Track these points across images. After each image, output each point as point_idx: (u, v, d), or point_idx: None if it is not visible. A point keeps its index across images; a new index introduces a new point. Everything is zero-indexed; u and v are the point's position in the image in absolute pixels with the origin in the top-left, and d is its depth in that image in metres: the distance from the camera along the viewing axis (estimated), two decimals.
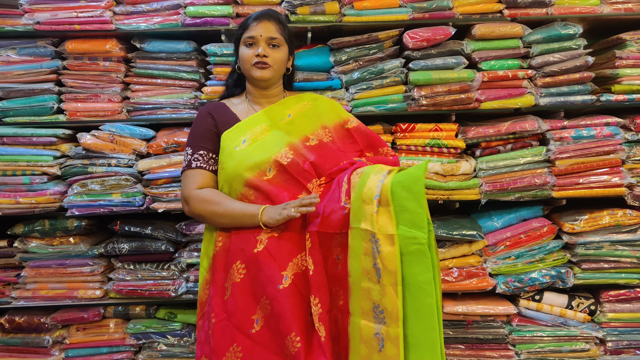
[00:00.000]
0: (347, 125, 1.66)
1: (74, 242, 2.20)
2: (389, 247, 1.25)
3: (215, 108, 1.63)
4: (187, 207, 1.55)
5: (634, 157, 2.18)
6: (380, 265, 1.26)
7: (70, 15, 2.12)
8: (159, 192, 2.14)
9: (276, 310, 1.38)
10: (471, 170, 2.16)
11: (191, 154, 1.56)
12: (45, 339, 2.21)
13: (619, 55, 2.16)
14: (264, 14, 1.60)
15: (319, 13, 2.13)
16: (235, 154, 1.51)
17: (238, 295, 1.44)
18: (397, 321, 1.24)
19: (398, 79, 2.16)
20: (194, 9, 2.13)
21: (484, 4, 2.16)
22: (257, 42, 1.56)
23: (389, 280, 1.25)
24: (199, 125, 1.60)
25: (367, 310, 1.30)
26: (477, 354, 2.19)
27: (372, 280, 1.29)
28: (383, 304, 1.26)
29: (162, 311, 2.26)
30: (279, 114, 1.61)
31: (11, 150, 2.15)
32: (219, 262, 1.52)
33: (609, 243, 2.17)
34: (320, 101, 1.71)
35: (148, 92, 2.21)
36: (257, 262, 1.43)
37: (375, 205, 1.29)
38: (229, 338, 1.44)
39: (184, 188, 1.55)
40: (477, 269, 2.15)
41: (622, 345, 2.21)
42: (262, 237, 1.45)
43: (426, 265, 1.23)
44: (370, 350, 1.29)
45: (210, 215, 1.50)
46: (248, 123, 1.58)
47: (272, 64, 1.57)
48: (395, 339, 1.24)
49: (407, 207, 1.25)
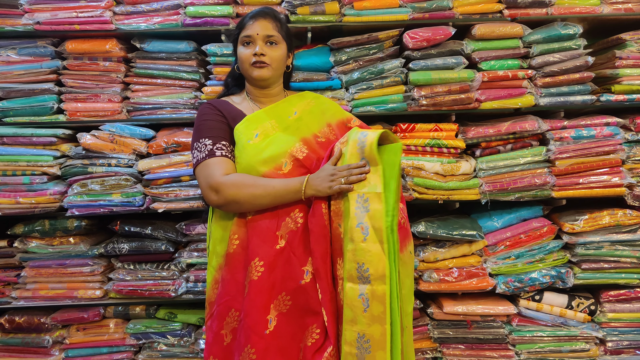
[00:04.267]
0: (350, 124, 1.66)
1: (74, 242, 2.20)
2: (377, 205, 1.28)
3: (219, 104, 1.60)
4: (216, 196, 1.43)
5: (634, 157, 2.18)
6: (369, 223, 1.28)
7: (70, 15, 2.12)
8: (159, 192, 2.14)
9: (299, 304, 1.40)
10: (471, 170, 2.15)
11: (212, 144, 1.48)
12: (45, 339, 2.21)
13: (619, 55, 2.16)
14: (260, 12, 1.57)
15: (319, 13, 2.13)
16: (249, 147, 1.49)
17: (254, 293, 1.42)
18: (384, 278, 1.25)
19: (398, 79, 2.16)
20: (194, 9, 2.13)
21: (484, 4, 2.16)
22: (254, 40, 1.54)
23: (376, 237, 1.27)
24: (210, 118, 1.54)
25: (351, 273, 1.31)
26: (477, 354, 2.19)
27: (358, 239, 1.30)
28: (368, 261, 1.28)
29: (162, 311, 2.26)
30: (285, 111, 1.59)
31: (11, 150, 2.15)
32: (238, 260, 1.48)
33: (609, 243, 2.17)
34: (322, 99, 1.71)
35: (148, 92, 2.21)
36: (279, 258, 1.42)
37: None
38: (244, 338, 1.42)
39: (210, 177, 1.44)
40: (477, 269, 2.15)
41: (622, 345, 2.21)
42: (282, 233, 1.43)
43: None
44: (355, 313, 1.29)
45: (249, 199, 1.42)
46: (257, 117, 1.55)
47: (271, 63, 1.55)
48: (381, 296, 1.25)
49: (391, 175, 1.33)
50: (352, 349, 1.29)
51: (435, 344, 2.21)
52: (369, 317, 1.26)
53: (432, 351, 2.22)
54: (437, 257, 2.13)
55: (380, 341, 1.24)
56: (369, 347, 1.26)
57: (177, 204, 2.15)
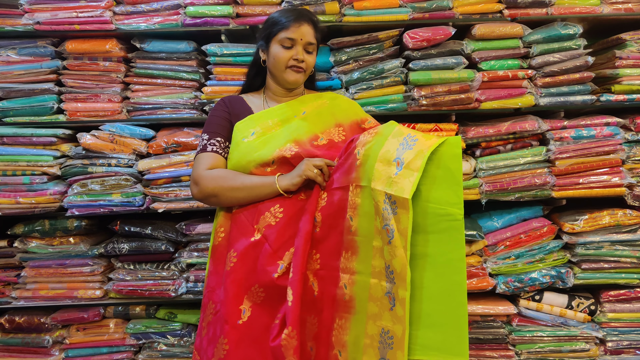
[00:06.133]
0: (364, 125, 1.64)
1: (74, 242, 2.20)
2: (405, 211, 1.24)
3: (232, 100, 1.64)
4: (196, 188, 1.49)
5: (634, 157, 2.18)
6: (394, 227, 1.25)
7: (70, 15, 2.12)
8: (159, 192, 2.14)
9: (272, 296, 1.39)
10: (471, 170, 2.15)
11: (207, 139, 1.54)
12: (45, 339, 2.21)
13: (619, 55, 2.16)
14: (305, 15, 1.56)
15: (319, 13, 2.13)
16: (242, 145, 1.51)
17: (228, 283, 1.43)
18: (405, 283, 1.23)
19: (398, 79, 2.16)
20: (194, 9, 2.13)
21: (484, 4, 2.16)
22: (296, 44, 1.54)
23: (401, 242, 1.24)
24: (215, 114, 1.59)
25: (379, 270, 1.30)
26: (477, 354, 2.19)
27: (384, 240, 1.28)
28: (393, 265, 1.26)
29: (162, 311, 2.26)
30: (294, 110, 1.59)
31: (11, 150, 2.15)
32: (221, 252, 1.51)
33: (609, 243, 2.17)
34: (339, 100, 1.70)
35: (148, 92, 2.21)
36: (252, 251, 1.42)
37: (396, 167, 1.28)
38: (218, 329, 1.43)
39: (195, 169, 1.51)
40: (477, 269, 2.15)
41: (622, 345, 2.21)
42: (259, 226, 1.44)
43: (459, 242, 1.23)
44: (381, 309, 1.29)
45: (225, 191, 1.46)
46: (260, 116, 1.56)
47: (306, 69, 1.58)
48: (402, 300, 1.24)
49: (441, 184, 1.25)
50: (374, 342, 1.30)
51: None
52: (394, 316, 1.27)
53: None
54: None
55: (401, 341, 1.25)
56: (391, 343, 1.27)
57: (177, 204, 2.15)
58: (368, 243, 1.33)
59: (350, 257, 1.36)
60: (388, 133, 1.37)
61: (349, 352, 1.34)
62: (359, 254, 1.35)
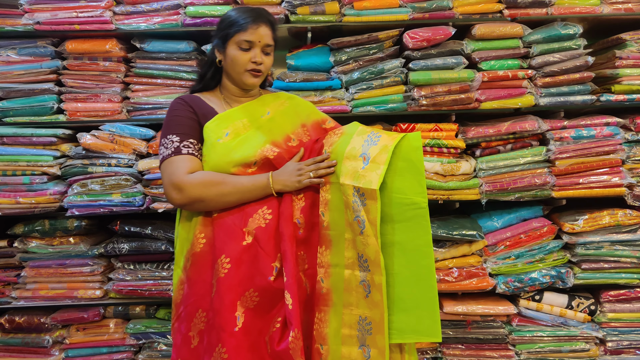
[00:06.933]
0: (325, 125, 1.66)
1: (74, 242, 2.20)
2: (374, 202, 1.31)
3: (192, 99, 1.56)
4: (178, 194, 1.41)
5: (634, 157, 2.18)
6: (365, 217, 1.31)
7: (70, 15, 2.12)
8: (159, 192, 2.14)
9: (266, 300, 1.39)
10: (471, 170, 2.16)
11: (179, 141, 1.45)
12: (45, 339, 2.21)
13: (619, 55, 2.16)
14: (261, 16, 1.51)
15: (319, 13, 2.13)
16: (218, 146, 1.46)
17: (223, 291, 1.40)
18: (380, 269, 1.29)
19: (398, 79, 2.16)
20: (193, 9, 2.13)
21: (484, 4, 2.16)
22: (254, 47, 1.50)
23: (372, 231, 1.30)
24: (180, 114, 1.50)
25: (352, 261, 1.36)
26: (477, 354, 2.19)
27: (355, 231, 1.34)
28: (366, 253, 1.32)
29: (162, 311, 2.26)
30: (258, 111, 1.57)
31: (11, 150, 2.15)
32: (205, 259, 1.46)
33: (609, 243, 2.17)
34: (296, 100, 1.69)
35: (148, 92, 2.21)
36: (246, 255, 1.40)
37: (362, 162, 1.36)
38: (214, 338, 1.40)
39: (172, 174, 1.41)
40: (477, 269, 2.15)
41: (622, 345, 2.21)
42: (249, 229, 1.42)
43: (425, 229, 1.31)
44: (356, 298, 1.35)
45: (215, 197, 1.41)
46: (229, 116, 1.52)
47: (264, 71, 1.55)
48: (379, 285, 1.30)
49: (405, 175, 1.33)
50: (353, 331, 1.34)
51: (435, 344, 2.21)
52: (371, 302, 1.32)
53: (432, 351, 2.22)
54: (437, 257, 2.13)
55: (380, 325, 1.30)
56: (370, 329, 1.32)
57: None
58: (340, 236, 1.38)
59: (324, 251, 1.41)
60: (353, 132, 1.46)
61: (330, 345, 1.37)
62: (332, 248, 1.40)
